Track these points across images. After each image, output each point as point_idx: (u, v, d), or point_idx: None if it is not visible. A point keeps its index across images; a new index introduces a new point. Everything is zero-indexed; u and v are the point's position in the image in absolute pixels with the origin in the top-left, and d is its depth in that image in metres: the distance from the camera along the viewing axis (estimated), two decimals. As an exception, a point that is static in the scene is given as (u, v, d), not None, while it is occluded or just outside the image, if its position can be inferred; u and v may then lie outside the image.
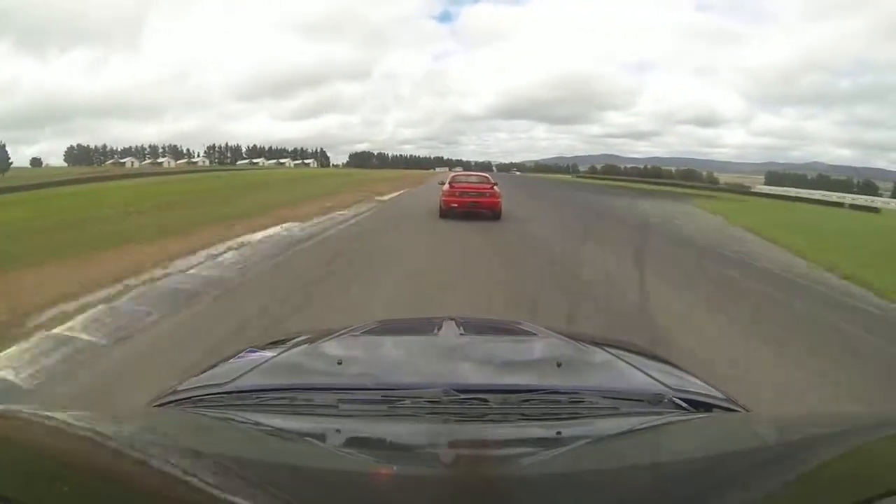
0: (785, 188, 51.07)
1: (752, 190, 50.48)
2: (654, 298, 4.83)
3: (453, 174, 13.38)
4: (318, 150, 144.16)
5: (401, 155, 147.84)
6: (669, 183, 61.97)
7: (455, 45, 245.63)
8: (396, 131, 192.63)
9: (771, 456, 0.64)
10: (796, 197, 35.84)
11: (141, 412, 0.98)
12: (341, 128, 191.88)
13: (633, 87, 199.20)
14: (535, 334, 1.27)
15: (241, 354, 1.19)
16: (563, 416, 0.81)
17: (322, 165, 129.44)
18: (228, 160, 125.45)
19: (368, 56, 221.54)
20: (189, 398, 0.93)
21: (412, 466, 0.67)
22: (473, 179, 12.02)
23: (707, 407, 0.88)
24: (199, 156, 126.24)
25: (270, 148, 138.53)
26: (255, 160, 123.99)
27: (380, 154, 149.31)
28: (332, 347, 1.15)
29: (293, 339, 1.25)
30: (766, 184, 71.37)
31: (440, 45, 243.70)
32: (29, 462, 0.60)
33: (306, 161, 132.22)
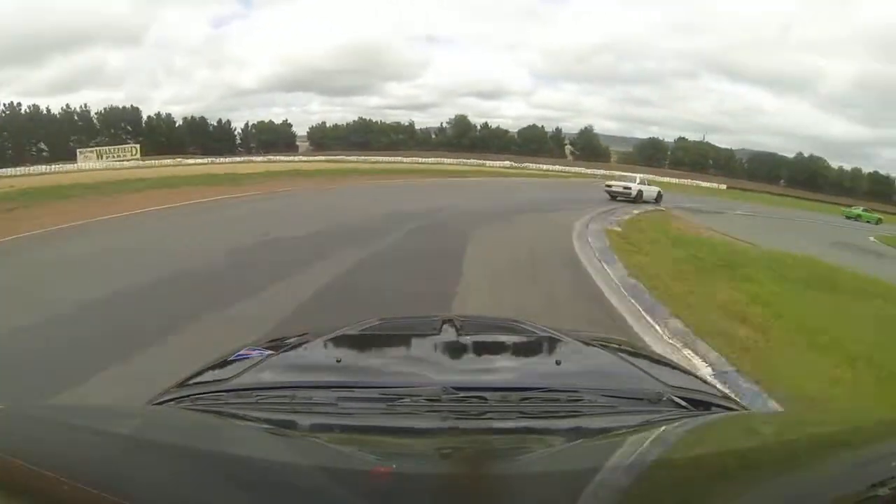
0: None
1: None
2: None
3: None
4: None
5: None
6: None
7: (239, 5, 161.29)
8: (163, 108, 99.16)
9: (770, 454, 0.64)
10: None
11: (140, 410, 0.97)
12: (102, 105, 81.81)
13: (422, 59, 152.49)
14: (534, 333, 1.27)
15: (241, 353, 1.18)
16: (562, 415, 0.81)
17: None
18: None
19: (139, 16, 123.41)
20: (188, 396, 0.93)
21: (411, 464, 0.67)
22: None
23: (706, 406, 0.88)
24: None
25: None
26: None
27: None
28: (331, 345, 1.15)
29: (292, 337, 1.25)
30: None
31: (222, 7, 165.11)
32: (28, 460, 0.59)
33: None
